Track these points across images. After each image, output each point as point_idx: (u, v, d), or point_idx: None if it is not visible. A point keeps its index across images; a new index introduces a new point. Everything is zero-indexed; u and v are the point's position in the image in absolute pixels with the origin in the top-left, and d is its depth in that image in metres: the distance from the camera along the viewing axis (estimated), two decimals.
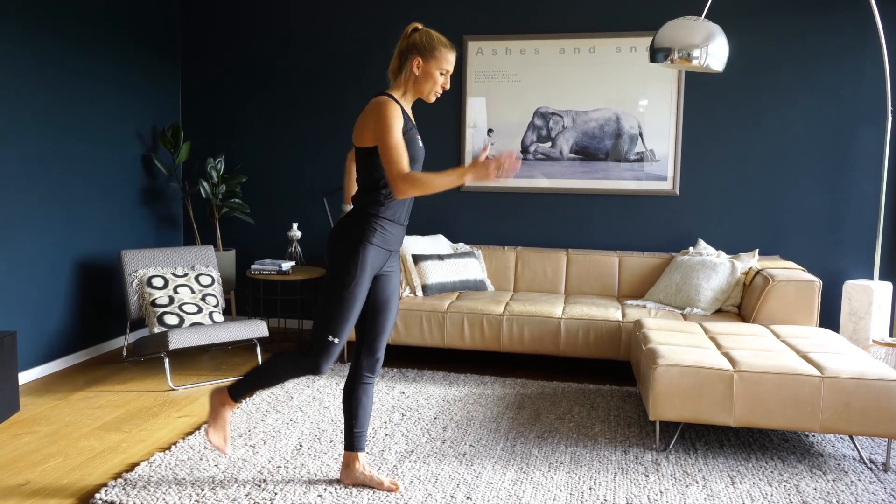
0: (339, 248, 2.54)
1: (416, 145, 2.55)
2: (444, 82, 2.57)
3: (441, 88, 2.57)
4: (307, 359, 2.55)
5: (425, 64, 2.52)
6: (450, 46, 2.54)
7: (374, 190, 2.53)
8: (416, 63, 2.52)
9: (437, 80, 2.54)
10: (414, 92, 2.57)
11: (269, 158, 5.40)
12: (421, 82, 2.54)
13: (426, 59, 2.51)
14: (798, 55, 4.66)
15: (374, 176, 2.52)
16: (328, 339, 2.51)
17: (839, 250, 4.69)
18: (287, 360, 2.60)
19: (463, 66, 5.04)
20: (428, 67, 2.52)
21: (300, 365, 2.57)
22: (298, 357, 2.57)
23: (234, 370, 4.33)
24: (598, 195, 4.97)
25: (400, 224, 2.60)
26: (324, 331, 2.52)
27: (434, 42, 2.52)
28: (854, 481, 2.91)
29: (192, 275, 4.47)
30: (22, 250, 4.00)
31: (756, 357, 3.13)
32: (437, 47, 2.51)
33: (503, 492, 2.74)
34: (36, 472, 2.88)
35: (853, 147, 4.64)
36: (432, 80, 2.54)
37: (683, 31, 3.61)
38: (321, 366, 2.54)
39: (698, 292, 4.28)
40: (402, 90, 2.57)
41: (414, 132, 2.56)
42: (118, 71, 4.74)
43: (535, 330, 4.18)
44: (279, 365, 2.61)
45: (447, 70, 2.55)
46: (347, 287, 2.50)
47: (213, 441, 2.72)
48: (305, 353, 2.55)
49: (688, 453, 3.15)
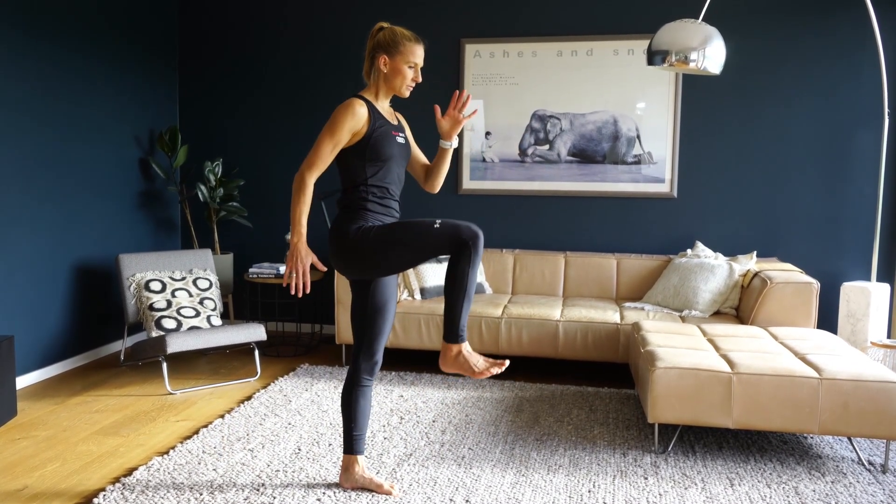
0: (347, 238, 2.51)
1: (392, 142, 2.57)
2: (415, 76, 2.60)
3: (412, 82, 2.60)
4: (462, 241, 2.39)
5: (391, 60, 2.55)
6: (414, 39, 2.57)
7: (355, 189, 2.56)
8: (383, 61, 2.56)
9: (405, 74, 2.57)
10: (386, 89, 2.61)
11: (267, 162, 5.40)
12: (390, 79, 2.58)
13: (391, 54, 2.55)
14: (795, 58, 4.67)
15: (351, 176, 2.56)
16: (436, 227, 2.41)
17: (837, 252, 4.70)
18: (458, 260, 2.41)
19: (460, 69, 5.04)
20: (395, 63, 2.55)
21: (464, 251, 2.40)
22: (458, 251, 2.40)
23: (232, 374, 4.32)
24: (596, 197, 4.98)
25: (392, 216, 2.61)
26: (426, 232, 2.42)
27: (398, 37, 2.55)
28: (853, 483, 2.91)
29: (189, 278, 4.46)
30: (19, 254, 4.00)
31: (754, 359, 3.13)
32: (401, 41, 2.54)
33: (502, 495, 2.74)
34: (34, 476, 2.87)
35: (850, 149, 4.64)
36: (401, 75, 2.57)
37: (681, 33, 3.62)
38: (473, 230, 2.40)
39: (696, 294, 4.28)
40: (374, 90, 2.61)
41: (387, 129, 2.57)
42: (116, 74, 4.74)
43: (533, 332, 4.18)
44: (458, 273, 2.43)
45: (415, 63, 2.57)
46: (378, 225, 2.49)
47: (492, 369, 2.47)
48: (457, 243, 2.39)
49: (686, 455, 3.15)
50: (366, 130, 2.51)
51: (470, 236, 2.39)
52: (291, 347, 4.94)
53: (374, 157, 2.53)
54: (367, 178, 2.54)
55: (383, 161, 2.55)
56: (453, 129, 2.66)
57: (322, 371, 4.34)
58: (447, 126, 2.66)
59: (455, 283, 2.43)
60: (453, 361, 2.48)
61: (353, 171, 2.55)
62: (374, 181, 2.55)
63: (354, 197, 2.55)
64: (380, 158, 2.54)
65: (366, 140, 2.51)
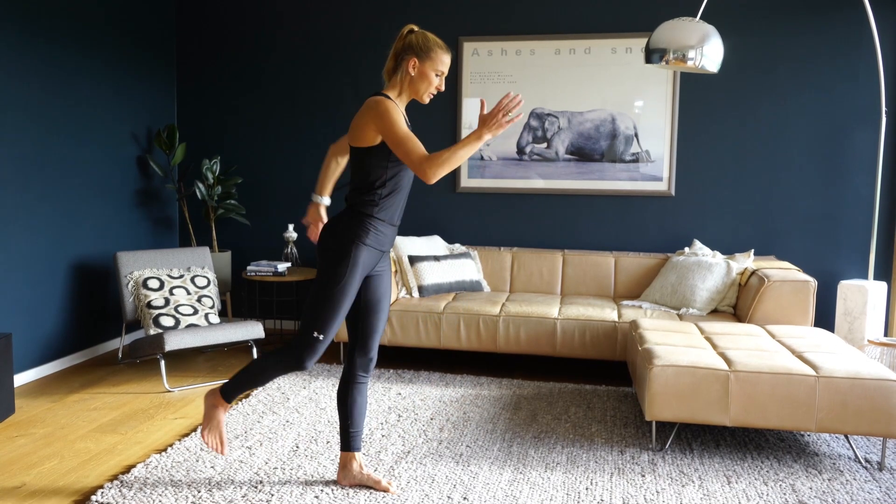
0: (331, 246, 2.54)
1: None
2: (439, 84, 2.58)
3: (436, 89, 2.59)
4: (292, 355, 2.56)
5: (421, 65, 2.53)
6: (445, 48, 2.56)
7: (370, 191, 2.54)
8: (413, 64, 2.53)
9: (432, 81, 2.56)
10: (409, 92, 2.59)
11: (265, 160, 5.40)
12: (416, 83, 2.55)
13: (422, 60, 2.53)
14: (793, 56, 4.68)
15: (370, 177, 2.53)
16: (314, 336, 2.52)
17: (834, 250, 4.71)
18: (272, 358, 2.61)
19: (458, 68, 5.04)
20: (424, 68, 2.53)
21: (285, 362, 2.58)
22: (283, 354, 2.58)
23: (230, 372, 4.32)
24: (594, 196, 4.98)
25: (393, 225, 2.61)
26: (310, 327, 2.53)
27: (430, 43, 2.53)
28: (849, 480, 2.92)
29: (187, 276, 4.46)
30: (17, 252, 3.99)
31: (751, 357, 3.14)
32: (433, 48, 2.53)
33: (500, 492, 2.75)
34: (32, 474, 2.87)
35: (848, 147, 4.65)
36: (427, 81, 2.55)
37: (678, 32, 3.62)
38: (305, 362, 2.55)
39: (694, 293, 4.29)
40: (398, 90, 2.58)
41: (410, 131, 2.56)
42: (113, 72, 4.73)
43: (531, 331, 4.19)
44: (265, 363, 2.62)
45: (442, 72, 2.57)
46: (337, 285, 2.51)
47: (209, 442, 2.72)
48: (291, 350, 2.56)
49: (684, 453, 3.16)
50: None
51: (295, 360, 2.55)
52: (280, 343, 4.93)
53: (397, 159, 2.51)
54: (386, 179, 2.53)
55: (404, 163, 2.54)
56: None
57: (320, 369, 4.35)
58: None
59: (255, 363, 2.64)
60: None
61: (373, 171, 2.52)
62: (390, 184, 2.54)
63: (364, 200, 2.54)
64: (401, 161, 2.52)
65: None
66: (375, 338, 2.72)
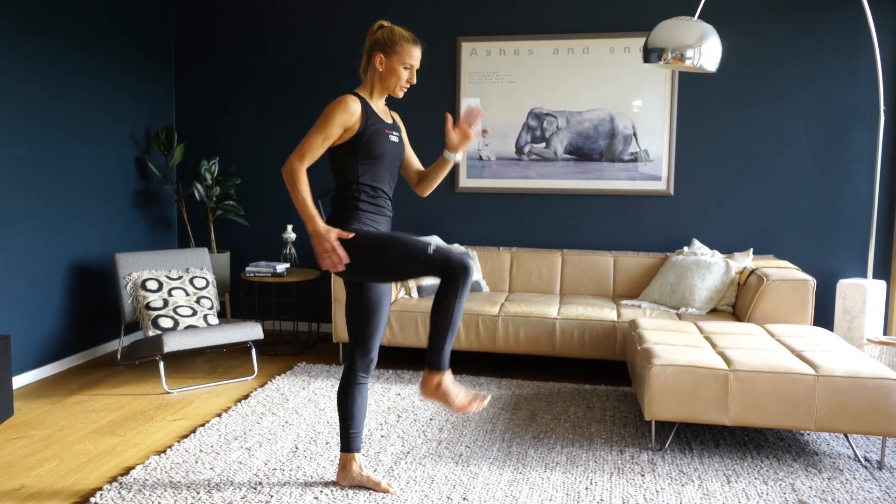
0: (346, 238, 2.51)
1: (385, 140, 2.57)
2: (410, 77, 2.58)
3: (407, 83, 2.58)
4: (452, 273, 2.37)
5: (387, 60, 2.54)
6: (412, 41, 2.55)
7: (347, 187, 2.56)
8: (379, 59, 2.55)
9: (400, 75, 2.55)
10: (381, 88, 2.60)
11: (264, 160, 5.40)
12: (385, 78, 2.57)
13: (388, 54, 2.54)
14: (791, 55, 4.68)
15: (344, 174, 2.56)
16: (429, 253, 2.38)
17: (833, 249, 4.71)
18: (447, 292, 2.40)
19: (457, 68, 5.04)
20: (391, 63, 2.54)
21: (452, 283, 2.38)
22: (448, 281, 2.39)
23: (228, 373, 4.32)
24: (593, 195, 4.98)
25: (384, 215, 2.62)
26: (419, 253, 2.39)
27: (395, 37, 2.54)
28: (849, 479, 2.91)
29: (186, 277, 4.46)
30: (15, 253, 3.99)
31: (751, 356, 3.14)
32: (399, 42, 2.53)
33: (499, 492, 2.74)
34: (31, 476, 2.87)
35: (846, 146, 4.65)
36: (396, 76, 2.55)
37: (677, 31, 3.62)
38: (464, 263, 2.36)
39: (693, 292, 4.29)
40: (370, 88, 2.60)
41: (380, 126, 2.56)
42: (112, 73, 4.72)
43: (530, 330, 4.18)
44: (445, 306, 2.41)
45: (411, 65, 2.56)
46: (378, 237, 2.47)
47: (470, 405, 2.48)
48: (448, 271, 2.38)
49: (683, 453, 3.16)
50: (358, 127, 2.51)
51: (461, 269, 2.36)
52: (288, 346, 4.94)
53: (366, 155, 2.53)
54: (359, 176, 2.54)
55: (375, 159, 2.54)
56: (462, 143, 2.60)
57: (319, 369, 4.34)
58: (456, 139, 2.60)
59: (442, 314, 2.41)
60: (434, 391, 2.46)
61: (346, 169, 2.55)
62: (366, 179, 2.55)
63: (347, 196, 2.55)
64: (372, 156, 2.53)
65: (358, 137, 2.51)
66: (376, 338, 2.71)
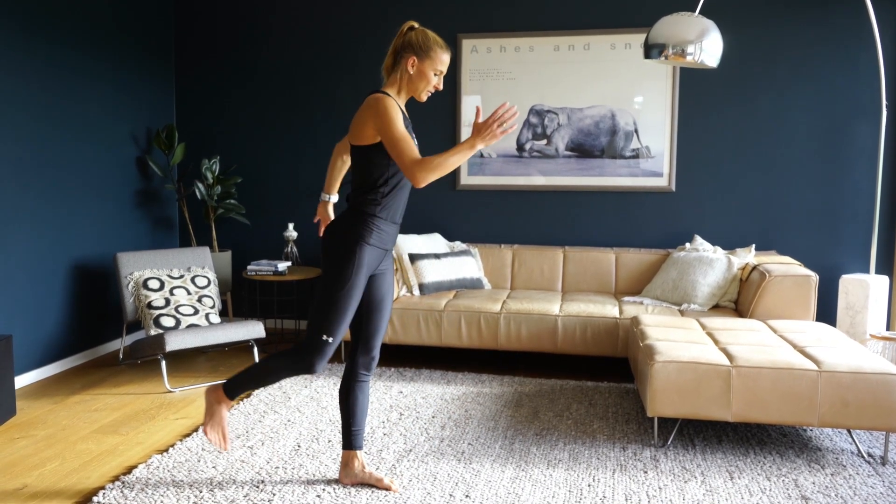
0: (335, 247, 2.53)
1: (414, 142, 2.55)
2: (438, 83, 2.57)
3: (433, 88, 2.57)
4: (301, 358, 2.54)
5: (420, 63, 2.51)
6: (445, 47, 2.54)
7: (372, 189, 2.52)
8: (412, 62, 2.51)
9: (430, 80, 2.54)
10: (408, 90, 2.57)
11: (265, 159, 5.39)
12: (415, 81, 2.54)
13: (421, 58, 2.51)
14: (792, 50, 4.67)
15: (372, 175, 2.52)
16: (322, 339, 2.51)
17: (835, 245, 4.70)
18: (282, 360, 2.59)
19: (457, 65, 5.03)
20: (423, 67, 2.52)
21: (295, 364, 2.57)
22: (293, 356, 2.57)
23: (231, 371, 4.32)
24: (594, 192, 4.97)
25: (395, 223, 2.60)
26: (319, 330, 2.52)
27: (430, 42, 2.52)
28: (852, 475, 2.91)
29: (188, 276, 4.46)
30: (17, 253, 3.99)
31: (753, 352, 3.13)
32: (433, 47, 2.51)
33: (502, 490, 2.74)
34: (33, 475, 2.87)
35: (848, 141, 4.64)
36: (426, 80, 2.54)
37: (677, 27, 3.61)
38: (315, 365, 2.54)
39: (695, 288, 4.28)
40: (397, 88, 2.57)
41: (410, 129, 2.55)
42: (112, 72, 4.72)
43: (532, 328, 4.18)
44: (274, 364, 2.61)
45: (441, 71, 2.55)
46: (343, 287, 2.50)
47: (211, 439, 2.72)
48: (300, 352, 2.55)
49: (686, 449, 3.15)
50: None
51: (307, 363, 2.54)
52: (290, 344, 4.94)
53: None
54: (388, 177, 2.51)
55: None
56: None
57: None
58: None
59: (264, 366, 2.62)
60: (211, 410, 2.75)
61: (375, 168, 2.50)
62: (393, 181, 2.52)
63: (366, 199, 2.53)
64: None
65: None
66: (378, 336, 2.71)
